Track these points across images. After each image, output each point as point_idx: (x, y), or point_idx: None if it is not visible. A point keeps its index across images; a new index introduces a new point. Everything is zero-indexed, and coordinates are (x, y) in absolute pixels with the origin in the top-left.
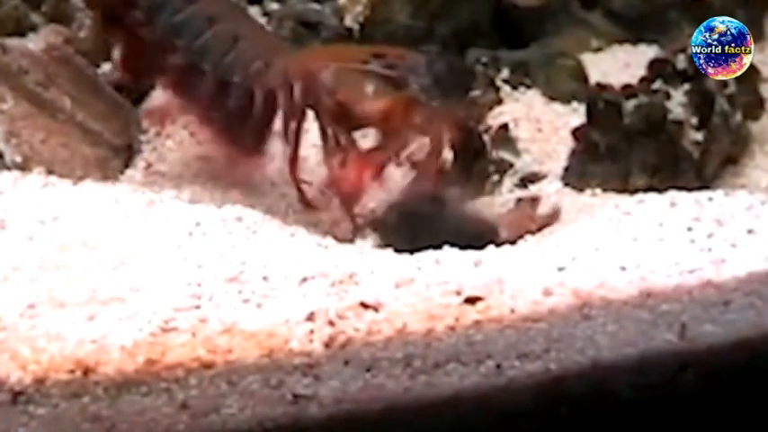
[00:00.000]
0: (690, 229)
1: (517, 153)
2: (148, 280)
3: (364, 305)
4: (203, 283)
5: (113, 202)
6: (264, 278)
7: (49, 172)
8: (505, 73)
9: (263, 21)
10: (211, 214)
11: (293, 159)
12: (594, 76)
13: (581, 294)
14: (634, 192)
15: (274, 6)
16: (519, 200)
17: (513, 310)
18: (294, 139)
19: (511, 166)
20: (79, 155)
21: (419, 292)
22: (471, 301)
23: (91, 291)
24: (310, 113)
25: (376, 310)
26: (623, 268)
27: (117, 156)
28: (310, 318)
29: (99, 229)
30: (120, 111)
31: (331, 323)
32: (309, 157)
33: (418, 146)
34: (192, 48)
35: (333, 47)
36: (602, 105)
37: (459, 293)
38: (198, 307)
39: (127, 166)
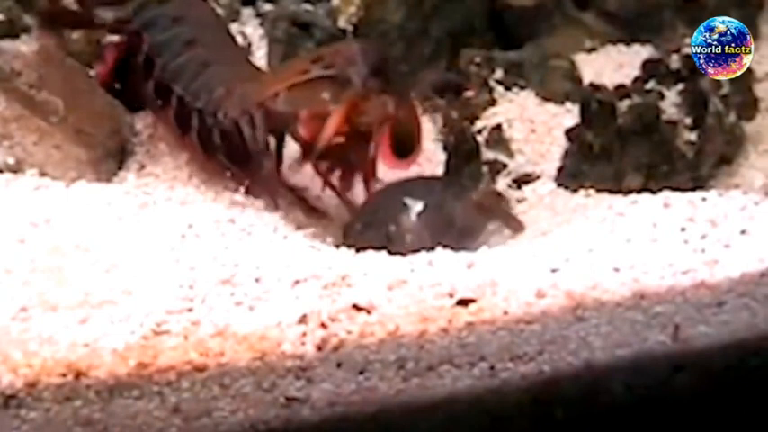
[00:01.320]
0: (683, 229)
1: (511, 154)
2: (141, 282)
3: (357, 307)
4: (196, 286)
5: (106, 204)
6: (257, 280)
7: (42, 174)
8: (499, 74)
9: (255, 22)
10: (204, 216)
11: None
12: (588, 77)
13: (574, 296)
14: (628, 192)
15: (267, 8)
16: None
17: (506, 312)
18: (273, 167)
19: (504, 166)
20: (72, 157)
21: (412, 294)
22: (464, 302)
23: (83, 294)
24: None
25: (368, 312)
26: (617, 269)
27: (110, 157)
28: (303, 320)
29: (91, 231)
30: (113, 113)
31: (323, 325)
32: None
33: None
34: (167, 68)
35: (274, 70)
36: (596, 106)
37: (451, 295)
38: (190, 309)
39: (120, 167)
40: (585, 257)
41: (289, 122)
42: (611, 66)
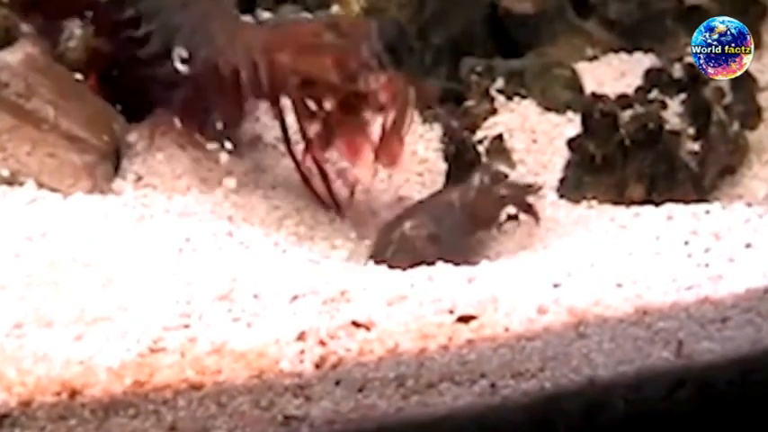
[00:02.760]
0: (687, 243)
1: (512, 164)
2: (137, 298)
3: (356, 324)
4: (193, 302)
5: (103, 216)
6: (255, 296)
7: (39, 184)
8: (500, 83)
9: None
10: (202, 229)
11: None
12: (590, 85)
13: (576, 312)
14: (630, 204)
15: (266, 15)
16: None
17: (507, 329)
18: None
19: (506, 176)
20: (67, 163)
21: (412, 310)
22: (465, 319)
23: (79, 309)
24: None
25: (368, 328)
26: (619, 285)
27: (105, 161)
28: (301, 337)
29: (88, 245)
30: (105, 115)
31: (322, 343)
32: None
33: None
34: (164, 30)
35: (285, 24)
36: (598, 116)
37: (452, 312)
38: (187, 326)
39: (116, 171)
40: (588, 272)
41: (288, 80)
42: (613, 74)
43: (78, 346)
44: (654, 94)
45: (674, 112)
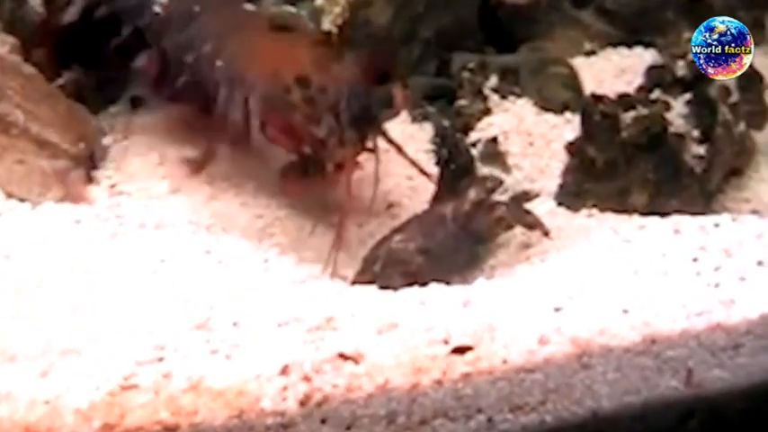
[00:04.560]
0: (695, 260)
1: (507, 169)
2: (108, 327)
3: (343, 356)
4: (168, 331)
5: (73, 232)
6: (234, 324)
7: (7, 194)
8: (494, 80)
9: None
10: (178, 246)
11: None
12: (588, 84)
13: (580, 342)
14: (633, 212)
15: (248, 7)
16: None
17: (505, 361)
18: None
19: (500, 183)
20: (37, 170)
21: (403, 340)
22: (460, 350)
23: (45, 341)
24: None
25: (356, 361)
26: (625, 311)
27: (78, 166)
28: (284, 371)
29: (56, 267)
30: (78, 117)
31: (306, 378)
32: None
33: None
34: (151, 27)
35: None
36: (599, 118)
37: (446, 342)
38: (161, 359)
39: (90, 177)
40: (591, 293)
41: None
42: (613, 71)
43: (44, 384)
44: (656, 93)
45: (678, 113)
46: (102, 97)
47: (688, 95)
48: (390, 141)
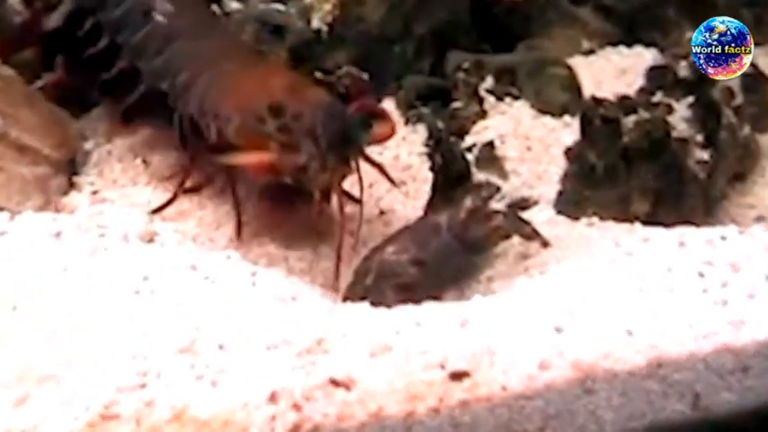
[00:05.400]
0: (701, 275)
1: (504, 175)
2: (88, 352)
3: (334, 383)
4: (150, 356)
5: (53, 246)
6: (220, 347)
7: None
8: (489, 81)
9: None
10: (162, 262)
11: None
12: (587, 85)
13: (583, 367)
14: (635, 220)
15: (235, 6)
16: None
17: (504, 388)
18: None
19: (497, 190)
20: (16, 177)
21: (397, 364)
22: (457, 376)
23: (21, 366)
24: None
25: (348, 388)
26: (630, 332)
27: (59, 172)
28: (272, 399)
29: (32, 288)
30: (59, 122)
31: (296, 406)
32: None
33: None
34: (129, 46)
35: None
36: (599, 122)
37: (443, 366)
38: (143, 386)
39: (71, 183)
40: (593, 312)
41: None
42: (612, 71)
43: (20, 414)
44: (658, 96)
45: (680, 116)
46: (84, 100)
47: (691, 98)
48: (372, 162)
